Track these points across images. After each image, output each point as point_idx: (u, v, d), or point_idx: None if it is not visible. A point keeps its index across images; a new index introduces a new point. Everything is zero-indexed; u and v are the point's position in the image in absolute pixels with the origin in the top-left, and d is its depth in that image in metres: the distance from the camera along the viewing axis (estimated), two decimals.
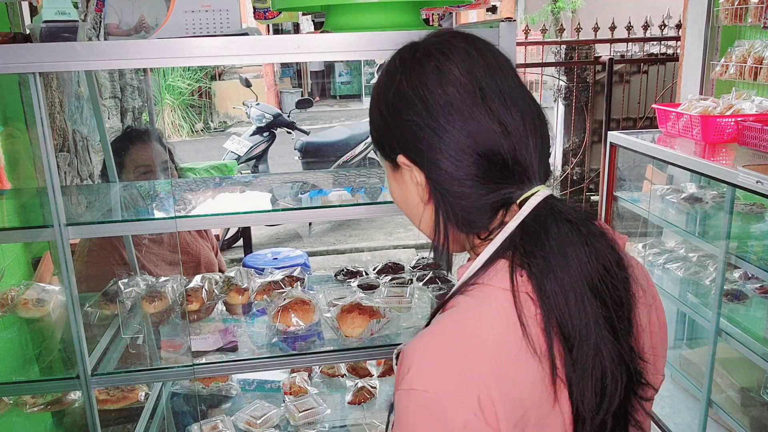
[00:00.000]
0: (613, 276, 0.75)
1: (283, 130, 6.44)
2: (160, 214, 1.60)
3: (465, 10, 3.34)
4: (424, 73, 0.77)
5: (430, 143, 0.77)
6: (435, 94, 0.76)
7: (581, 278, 0.72)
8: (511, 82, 0.78)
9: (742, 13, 2.91)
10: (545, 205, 0.75)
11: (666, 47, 5.40)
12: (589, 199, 5.44)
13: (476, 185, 0.76)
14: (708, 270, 2.63)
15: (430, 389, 0.68)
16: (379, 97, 0.83)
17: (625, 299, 0.76)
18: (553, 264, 0.72)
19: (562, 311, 0.71)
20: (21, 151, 2.38)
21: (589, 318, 0.72)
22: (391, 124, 0.81)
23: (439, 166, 0.77)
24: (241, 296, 1.66)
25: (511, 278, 0.73)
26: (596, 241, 0.75)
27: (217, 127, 11.50)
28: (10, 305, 1.64)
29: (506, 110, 0.75)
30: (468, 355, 0.70)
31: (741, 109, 2.51)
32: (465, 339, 0.71)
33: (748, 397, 2.54)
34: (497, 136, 0.75)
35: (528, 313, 0.72)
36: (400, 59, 0.81)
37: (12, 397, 1.68)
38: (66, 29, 1.32)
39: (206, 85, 11.22)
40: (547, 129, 0.80)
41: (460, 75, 0.76)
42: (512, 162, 0.76)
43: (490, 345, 0.70)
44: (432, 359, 0.70)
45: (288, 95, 12.87)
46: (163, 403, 1.89)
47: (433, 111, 0.76)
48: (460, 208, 0.78)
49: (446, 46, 0.79)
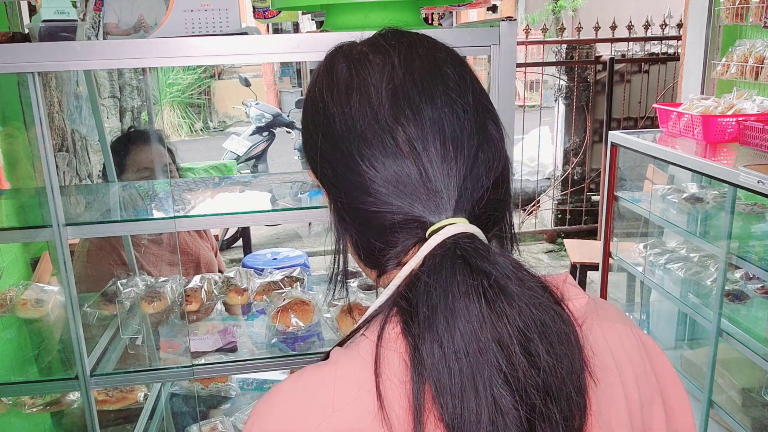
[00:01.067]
0: (538, 352, 0.55)
1: (282, 130, 6.44)
2: (159, 214, 1.59)
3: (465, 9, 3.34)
4: (332, 79, 0.66)
5: (327, 159, 0.65)
6: (338, 105, 0.64)
7: (474, 348, 0.54)
8: (440, 95, 0.62)
9: (743, 13, 2.90)
10: (449, 244, 0.58)
11: (667, 47, 5.39)
12: (589, 199, 5.44)
13: (375, 212, 0.62)
14: (709, 270, 2.63)
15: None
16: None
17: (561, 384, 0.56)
18: (435, 323, 0.55)
19: (441, 385, 0.54)
20: (20, 151, 2.37)
21: (481, 401, 0.53)
22: (303, 131, 0.71)
23: (338, 186, 0.65)
24: (240, 296, 1.65)
25: (379, 332, 0.59)
26: (511, 303, 0.56)
27: (217, 127, 11.50)
28: (9, 305, 1.63)
29: (421, 133, 0.61)
30: (301, 423, 0.59)
31: (742, 108, 2.51)
32: (296, 417, 0.59)
33: (750, 397, 2.54)
34: (403, 163, 0.61)
35: (395, 378, 0.57)
36: (324, 59, 0.70)
37: (11, 398, 1.68)
38: (65, 28, 1.31)
39: (205, 83, 11.22)
40: (489, 153, 0.63)
41: (371, 86, 0.63)
42: (420, 187, 0.61)
43: (327, 412, 0.58)
44: (262, 426, 0.61)
45: (288, 95, 12.86)
46: (162, 404, 1.88)
47: (332, 126, 0.64)
48: (359, 236, 0.65)
49: (369, 48, 0.67)
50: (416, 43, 0.67)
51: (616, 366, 0.66)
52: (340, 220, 0.67)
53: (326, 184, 0.68)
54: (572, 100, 5.24)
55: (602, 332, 0.66)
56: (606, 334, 0.67)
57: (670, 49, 5.30)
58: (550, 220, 5.59)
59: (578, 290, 0.65)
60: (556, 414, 0.55)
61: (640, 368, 0.68)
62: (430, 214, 0.61)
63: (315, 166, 0.68)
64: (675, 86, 4.41)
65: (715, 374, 2.48)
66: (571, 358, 0.57)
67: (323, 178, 0.68)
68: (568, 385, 0.57)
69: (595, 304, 0.67)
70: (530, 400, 0.54)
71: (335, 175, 0.65)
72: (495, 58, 1.23)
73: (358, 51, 0.67)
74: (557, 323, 0.57)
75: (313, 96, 0.68)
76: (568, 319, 0.59)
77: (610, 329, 0.68)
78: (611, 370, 0.65)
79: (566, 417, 0.56)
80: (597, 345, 0.63)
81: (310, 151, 0.69)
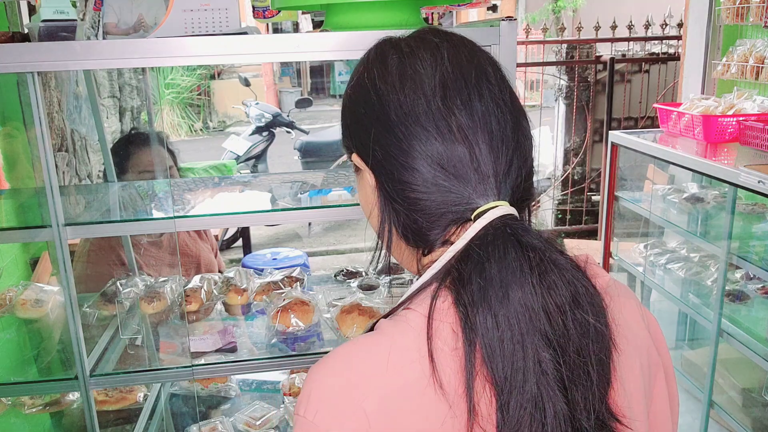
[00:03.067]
0: (578, 320, 0.62)
1: (282, 130, 6.43)
2: (159, 214, 1.59)
3: (465, 9, 3.32)
4: (385, 68, 0.71)
5: (380, 144, 0.70)
6: (392, 93, 0.69)
7: (525, 315, 0.60)
8: (486, 91, 0.69)
9: (744, 13, 2.90)
10: (498, 224, 0.65)
11: (667, 46, 5.39)
12: (590, 199, 5.44)
13: (426, 193, 0.68)
14: (709, 270, 2.63)
15: (313, 419, 0.64)
16: (346, 89, 0.77)
17: (595, 349, 0.63)
18: (489, 294, 0.61)
19: (492, 350, 0.60)
20: (19, 151, 2.37)
21: (528, 363, 0.60)
22: (348, 119, 0.75)
23: (388, 169, 0.69)
24: (240, 297, 1.65)
25: (430, 304, 0.64)
26: (559, 275, 0.63)
27: (216, 127, 11.49)
28: (9, 306, 1.63)
29: (471, 122, 0.67)
30: (354, 388, 0.63)
31: (743, 108, 2.51)
32: (355, 370, 0.64)
33: (750, 397, 2.54)
34: (456, 148, 0.66)
35: (445, 346, 0.62)
36: (371, 51, 0.75)
37: (10, 398, 1.68)
38: (64, 28, 1.31)
39: (205, 83, 11.22)
40: (524, 147, 0.70)
41: (423, 76, 0.68)
42: (470, 171, 0.67)
43: (380, 378, 0.63)
44: (319, 389, 0.65)
45: (288, 95, 12.86)
46: (162, 404, 1.88)
47: (387, 111, 0.69)
48: (406, 217, 0.70)
49: (417, 43, 0.72)
50: (459, 42, 0.73)
51: (632, 337, 0.73)
52: (387, 201, 0.71)
53: (376, 168, 0.72)
54: (572, 100, 5.24)
55: (620, 307, 0.71)
56: (622, 309, 0.72)
57: (670, 49, 5.30)
58: (551, 220, 5.59)
59: (600, 269, 0.71)
60: (593, 377, 0.62)
61: (648, 341, 0.75)
62: (477, 197, 0.67)
63: (364, 150, 0.72)
64: (675, 86, 4.41)
65: (716, 374, 2.48)
66: (604, 326, 0.64)
67: (373, 161, 0.71)
68: (598, 352, 0.63)
69: (612, 282, 0.74)
70: (571, 364, 0.61)
71: (387, 158, 0.69)
72: (495, 57, 1.22)
73: (407, 44, 0.72)
74: (589, 296, 0.64)
75: (364, 84, 0.72)
76: (598, 293, 0.65)
77: (626, 305, 0.74)
78: (628, 341, 0.71)
79: (601, 381, 0.63)
80: (617, 318, 0.68)
81: (360, 136, 0.73)
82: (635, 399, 0.70)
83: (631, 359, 0.71)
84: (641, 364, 0.73)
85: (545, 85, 7.48)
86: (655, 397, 0.76)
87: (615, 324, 0.66)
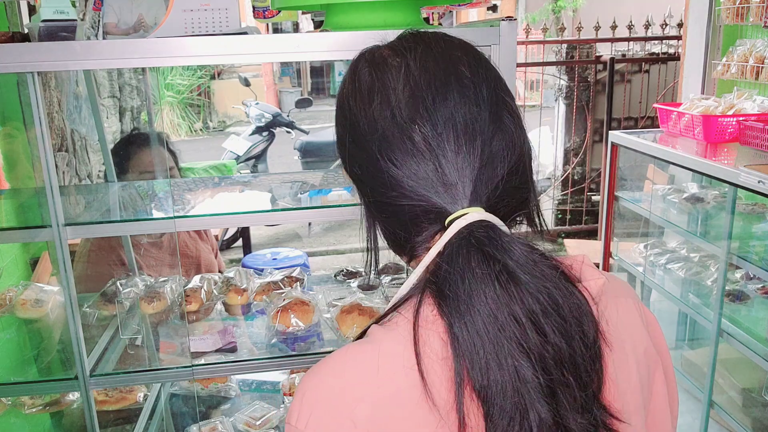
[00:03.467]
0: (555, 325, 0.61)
1: (282, 130, 6.43)
2: (159, 214, 1.59)
3: (465, 9, 3.32)
4: (357, 84, 0.71)
5: (355, 160, 0.71)
6: (362, 110, 0.69)
7: (493, 325, 0.60)
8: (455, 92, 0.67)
9: (744, 13, 2.90)
10: (464, 233, 0.64)
11: (667, 46, 5.39)
12: (590, 199, 5.44)
13: (399, 205, 0.68)
14: (709, 270, 2.62)
15: (305, 429, 0.64)
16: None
17: (580, 353, 0.62)
18: (458, 304, 0.61)
19: (471, 360, 0.60)
20: (19, 151, 2.37)
21: (505, 372, 0.59)
22: (336, 132, 0.76)
23: (366, 183, 0.71)
24: (240, 297, 1.65)
25: (414, 314, 0.64)
26: (525, 283, 0.62)
27: (216, 127, 11.48)
28: (9, 306, 1.63)
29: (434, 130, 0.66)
30: (345, 396, 0.64)
31: (743, 108, 2.51)
32: (345, 378, 0.65)
33: (750, 397, 2.54)
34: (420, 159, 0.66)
35: (433, 355, 0.62)
36: (351, 64, 0.75)
37: (10, 398, 1.68)
38: (64, 28, 1.31)
39: (205, 83, 11.21)
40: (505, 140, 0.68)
41: (390, 89, 0.68)
42: (437, 182, 0.66)
43: (370, 386, 0.63)
44: (310, 398, 0.65)
45: (287, 95, 12.85)
46: (162, 404, 1.88)
47: (358, 128, 0.70)
48: (385, 228, 0.73)
49: (390, 52, 0.71)
50: (433, 43, 0.71)
51: (628, 336, 0.72)
52: (369, 213, 0.74)
53: (356, 181, 0.74)
54: (572, 100, 5.24)
55: (616, 307, 0.72)
56: (618, 308, 0.72)
57: (670, 49, 5.30)
58: (551, 220, 5.59)
59: (595, 271, 0.70)
60: (572, 380, 0.61)
61: (646, 339, 0.75)
62: (448, 205, 0.67)
63: (346, 165, 0.75)
64: (675, 86, 4.41)
65: (716, 374, 2.48)
66: (585, 330, 0.63)
67: (353, 175, 0.74)
68: (583, 354, 0.63)
69: (609, 283, 0.72)
70: (548, 369, 0.60)
71: (363, 173, 0.71)
72: (495, 57, 1.23)
73: (379, 54, 0.72)
74: (569, 300, 0.63)
75: (340, 100, 0.74)
76: (581, 295, 0.64)
77: (623, 304, 0.74)
78: (624, 340, 0.71)
79: (584, 383, 0.62)
80: (611, 318, 0.68)
81: (342, 151, 0.75)
82: (630, 398, 0.70)
83: (626, 358, 0.71)
84: (638, 363, 0.73)
85: (545, 85, 7.49)
86: (654, 395, 0.76)
87: (607, 325, 0.66)
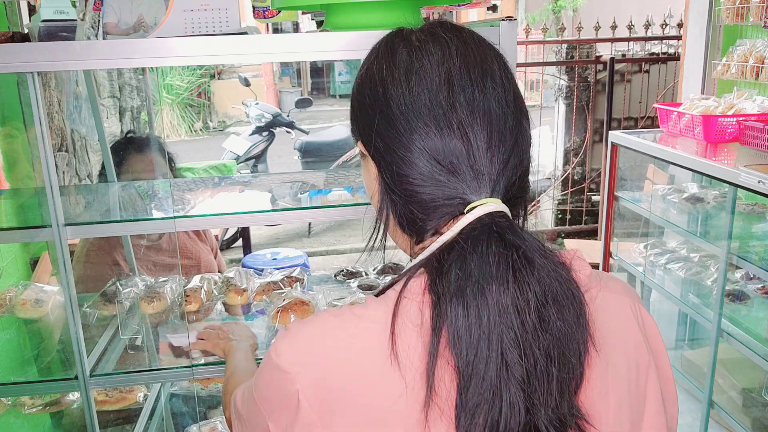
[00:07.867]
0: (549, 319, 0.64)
1: (282, 130, 6.43)
2: (159, 215, 1.59)
3: (465, 9, 3.34)
4: (393, 61, 0.72)
5: (381, 134, 0.71)
6: (398, 87, 0.70)
7: (495, 310, 0.63)
8: (490, 90, 0.70)
9: (744, 13, 2.90)
10: (486, 220, 0.67)
11: (667, 46, 5.39)
12: (590, 199, 5.44)
13: (422, 186, 0.70)
14: (709, 270, 2.63)
15: (277, 356, 0.70)
16: (357, 76, 0.78)
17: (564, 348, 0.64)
18: (465, 285, 0.63)
19: (459, 336, 0.63)
20: (19, 151, 2.37)
21: (492, 354, 0.62)
22: (356, 106, 0.77)
23: (388, 160, 0.71)
24: (240, 297, 1.65)
25: (404, 283, 0.68)
26: (535, 276, 0.64)
27: (216, 127, 11.48)
28: (8, 306, 1.63)
29: (472, 120, 0.68)
30: (323, 340, 0.69)
31: (743, 108, 2.51)
32: (327, 326, 0.70)
33: (750, 398, 2.54)
34: (454, 144, 0.68)
35: (408, 322, 0.66)
36: (381, 42, 0.77)
37: (10, 398, 1.68)
38: (64, 28, 1.31)
39: (205, 83, 11.21)
40: (522, 147, 0.72)
41: (430, 71, 0.70)
42: (466, 168, 0.69)
43: (346, 340, 0.68)
44: (295, 335, 0.71)
45: (287, 95, 12.86)
46: (162, 404, 1.88)
47: (391, 105, 0.70)
48: (403, 207, 0.73)
49: (427, 37, 0.73)
50: (468, 38, 0.73)
51: (619, 335, 0.73)
52: (386, 191, 0.74)
53: (377, 158, 0.74)
54: (572, 100, 5.24)
55: (608, 303, 0.73)
56: (611, 305, 0.74)
57: (670, 49, 5.30)
58: (551, 220, 5.59)
59: (584, 263, 0.72)
60: (553, 375, 0.64)
61: (638, 338, 0.75)
62: (471, 193, 0.69)
63: (368, 140, 0.74)
64: (675, 86, 4.41)
65: (716, 374, 2.48)
66: (577, 327, 0.65)
67: (375, 151, 0.73)
68: (571, 352, 0.65)
69: (598, 276, 0.75)
70: (534, 359, 0.63)
71: (387, 150, 0.71)
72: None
73: (417, 38, 0.73)
74: (569, 296, 0.66)
75: (372, 75, 0.74)
76: (578, 292, 0.67)
77: (616, 301, 0.75)
78: (614, 338, 0.72)
79: (563, 379, 0.64)
80: (602, 314, 0.69)
81: (364, 126, 0.75)
82: (613, 398, 0.71)
83: (614, 355, 0.71)
84: (628, 363, 0.73)
85: (545, 85, 7.48)
86: (648, 395, 0.76)
87: (594, 323, 0.67)
